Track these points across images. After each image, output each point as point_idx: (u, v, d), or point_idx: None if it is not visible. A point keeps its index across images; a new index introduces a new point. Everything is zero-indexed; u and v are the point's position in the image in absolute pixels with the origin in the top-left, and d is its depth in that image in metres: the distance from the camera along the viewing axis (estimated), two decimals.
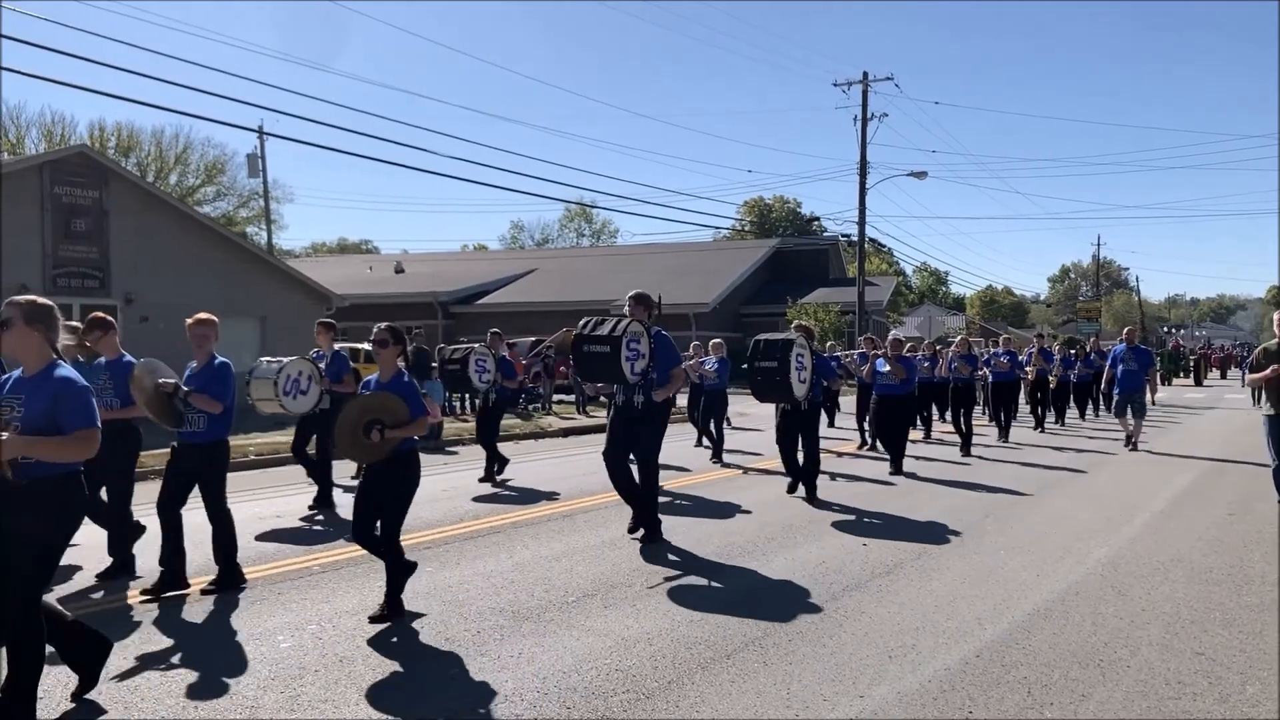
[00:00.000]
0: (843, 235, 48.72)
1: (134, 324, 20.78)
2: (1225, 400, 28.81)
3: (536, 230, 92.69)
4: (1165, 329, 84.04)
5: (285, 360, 9.45)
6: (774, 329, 35.94)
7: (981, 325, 59.20)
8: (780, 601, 6.16)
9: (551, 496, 10.50)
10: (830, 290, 43.12)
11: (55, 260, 19.73)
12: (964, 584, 6.59)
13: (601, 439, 8.41)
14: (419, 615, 5.90)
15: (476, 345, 12.58)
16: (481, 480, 11.65)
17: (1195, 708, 4.38)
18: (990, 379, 17.73)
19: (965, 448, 14.63)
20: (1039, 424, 18.86)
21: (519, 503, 10.12)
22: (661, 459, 8.29)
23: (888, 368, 12.84)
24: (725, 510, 9.64)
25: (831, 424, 19.17)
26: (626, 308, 8.05)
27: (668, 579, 6.78)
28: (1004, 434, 16.66)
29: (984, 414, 19.65)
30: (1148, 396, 16.01)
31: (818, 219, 65.36)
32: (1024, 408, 19.73)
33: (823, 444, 15.06)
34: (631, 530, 8.11)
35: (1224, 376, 48.54)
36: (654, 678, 4.76)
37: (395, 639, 5.44)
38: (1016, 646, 5.23)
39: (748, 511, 9.52)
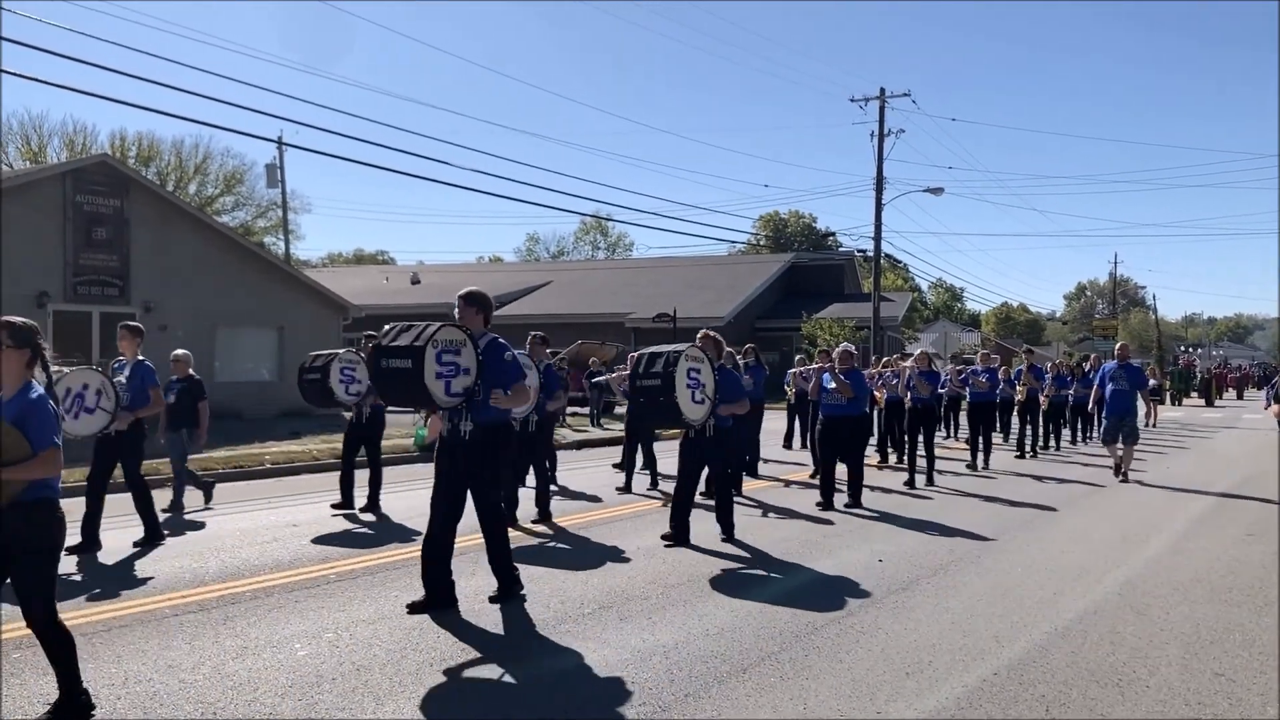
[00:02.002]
0: (858, 250, 48.67)
1: (153, 332, 20.91)
2: (1244, 421, 28.53)
3: (552, 243, 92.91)
4: (1181, 348, 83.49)
5: (67, 370, 7.56)
6: (789, 344, 36.05)
7: (998, 342, 58.95)
8: (796, 617, 6.14)
9: (562, 511, 10.50)
10: (845, 305, 43.03)
11: (76, 269, 19.89)
12: (981, 602, 6.56)
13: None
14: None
15: (342, 351, 10.65)
16: (335, 508, 10.12)
17: None
18: (968, 399, 15.77)
19: (916, 477, 12.63)
20: (1032, 447, 17.33)
21: (533, 516, 10.12)
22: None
23: (834, 384, 10.91)
24: (602, 557, 7.87)
25: (788, 446, 17.46)
26: (456, 311, 6.42)
27: (682, 594, 6.78)
28: (974, 460, 14.83)
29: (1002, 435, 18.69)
30: (1140, 420, 14.54)
31: (833, 234, 65.44)
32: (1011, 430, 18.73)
33: (769, 468, 13.84)
34: (494, 600, 6.43)
35: (1240, 397, 47.32)
36: (670, 691, 4.75)
37: (411, 648, 5.45)
38: (1034, 665, 5.20)
39: (626, 560, 7.83)
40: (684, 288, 41.90)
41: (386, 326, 6.25)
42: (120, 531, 8.40)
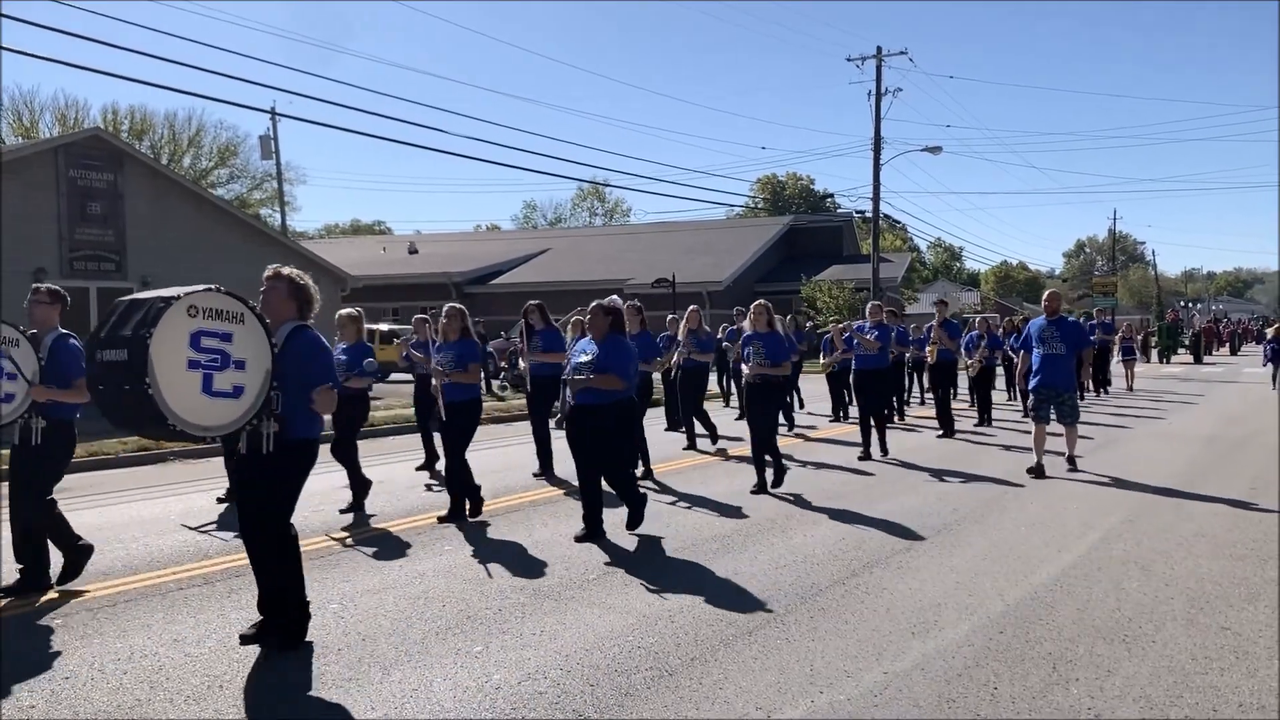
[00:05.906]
0: (857, 212, 48.51)
1: None
2: (1244, 375, 28.46)
3: (549, 210, 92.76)
4: (1181, 303, 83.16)
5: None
6: (789, 307, 35.79)
7: (997, 301, 58.84)
8: (800, 580, 6.14)
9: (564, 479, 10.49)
10: (845, 267, 42.94)
11: (71, 244, 19.77)
12: (985, 559, 6.56)
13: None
14: None
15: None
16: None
17: (1223, 682, 4.35)
18: (853, 366, 12.18)
19: (773, 478, 9.31)
20: (946, 424, 13.85)
21: (532, 485, 10.12)
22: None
23: (585, 356, 7.42)
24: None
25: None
26: None
27: (686, 558, 6.78)
28: (868, 445, 11.47)
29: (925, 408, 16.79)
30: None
31: (831, 196, 65.31)
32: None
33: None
34: None
35: (1235, 352, 45.88)
36: (676, 654, 4.75)
37: (416, 617, 5.45)
38: (1040, 622, 5.20)
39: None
40: (683, 253, 41.79)
41: None
42: (111, 509, 8.40)
